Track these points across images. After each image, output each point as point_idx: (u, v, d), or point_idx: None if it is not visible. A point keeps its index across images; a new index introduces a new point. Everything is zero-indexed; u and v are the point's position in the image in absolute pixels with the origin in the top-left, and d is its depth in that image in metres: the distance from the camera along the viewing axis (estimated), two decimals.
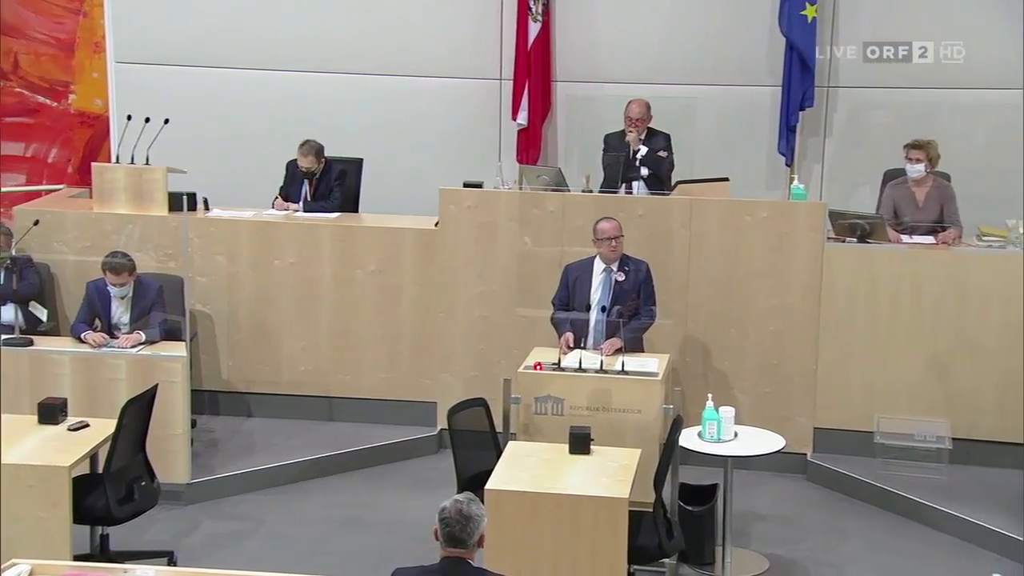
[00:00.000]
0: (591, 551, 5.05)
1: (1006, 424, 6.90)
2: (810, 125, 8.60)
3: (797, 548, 6.27)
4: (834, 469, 7.02)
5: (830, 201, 7.67)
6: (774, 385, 7.20)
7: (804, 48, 8.34)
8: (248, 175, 8.63)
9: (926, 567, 5.87)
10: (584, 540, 5.05)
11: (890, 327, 7.08)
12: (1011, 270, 6.90)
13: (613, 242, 6.56)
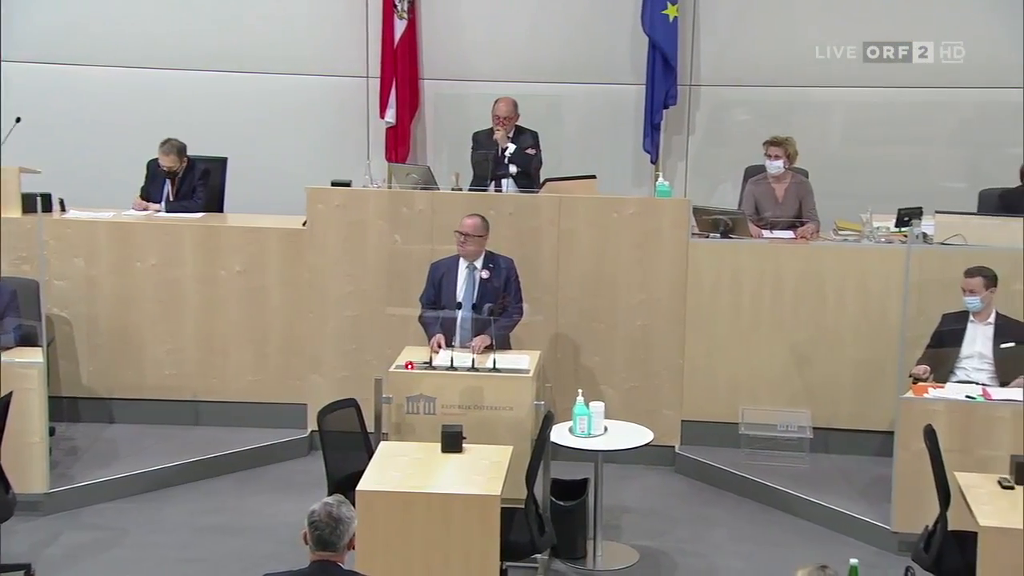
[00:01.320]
0: (463, 549, 5.04)
1: (863, 412, 7.12)
2: (674, 123, 8.77)
3: (666, 539, 6.37)
4: (701, 460, 7.16)
5: (694, 197, 7.83)
6: (642, 379, 7.31)
7: (666, 47, 8.50)
8: (107, 175, 8.40)
9: (789, 554, 6.02)
10: (456, 538, 5.04)
11: (753, 320, 7.25)
12: (866, 263, 7.14)
13: (465, 239, 6.57)
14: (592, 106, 8.82)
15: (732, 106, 8.80)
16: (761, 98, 8.67)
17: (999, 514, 4.90)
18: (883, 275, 6.99)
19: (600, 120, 8.85)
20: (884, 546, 6.18)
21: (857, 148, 8.63)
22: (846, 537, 6.34)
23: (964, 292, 6.46)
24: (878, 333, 6.99)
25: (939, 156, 8.62)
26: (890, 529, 6.20)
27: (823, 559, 3.90)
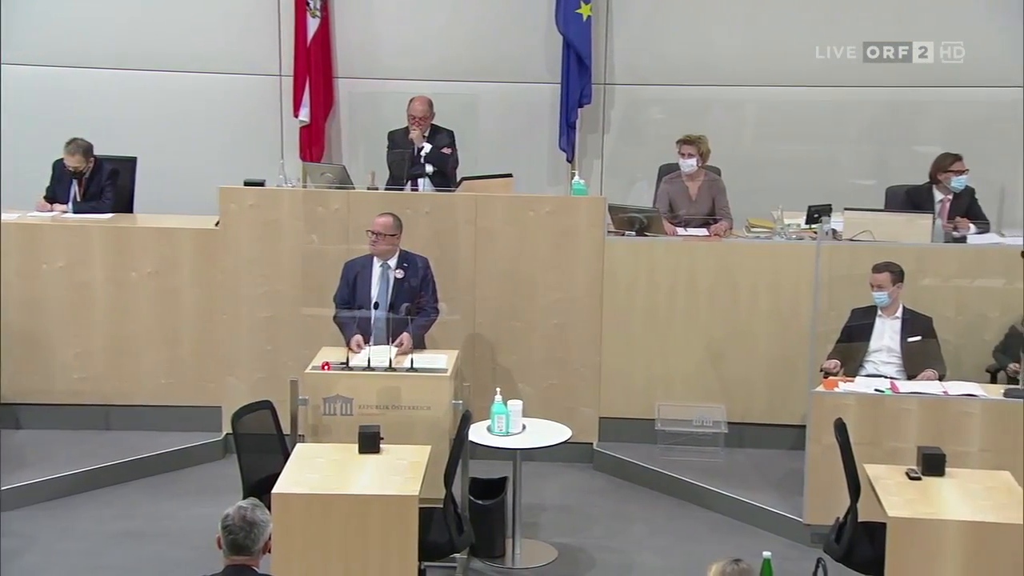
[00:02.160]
0: (382, 550, 5.01)
1: (777, 407, 7.23)
2: (589, 121, 8.82)
3: (584, 536, 6.41)
4: (618, 457, 7.21)
5: (609, 195, 7.86)
6: (560, 377, 7.33)
7: (580, 46, 8.54)
8: (11, 176, 8.16)
9: (704, 548, 6.09)
10: (374, 539, 5.01)
11: (668, 317, 7.31)
12: (778, 259, 7.24)
13: (377, 239, 6.54)
14: (508, 105, 8.83)
15: (646, 105, 8.87)
16: (675, 97, 8.75)
17: (907, 505, 5.00)
18: (794, 271, 7.10)
19: (516, 119, 8.87)
20: (797, 538, 6.29)
21: (768, 146, 8.76)
22: (760, 530, 6.44)
23: (872, 287, 6.59)
24: (790, 328, 7.10)
25: (848, 154, 8.78)
26: (802, 521, 6.31)
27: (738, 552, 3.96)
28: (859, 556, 5.23)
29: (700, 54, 8.65)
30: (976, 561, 4.84)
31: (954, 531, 4.87)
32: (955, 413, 6.11)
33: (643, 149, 8.71)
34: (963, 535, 4.85)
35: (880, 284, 6.57)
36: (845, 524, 5.33)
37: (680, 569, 5.94)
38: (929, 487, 5.17)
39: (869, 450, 5.90)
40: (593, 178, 8.76)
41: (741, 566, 3.64)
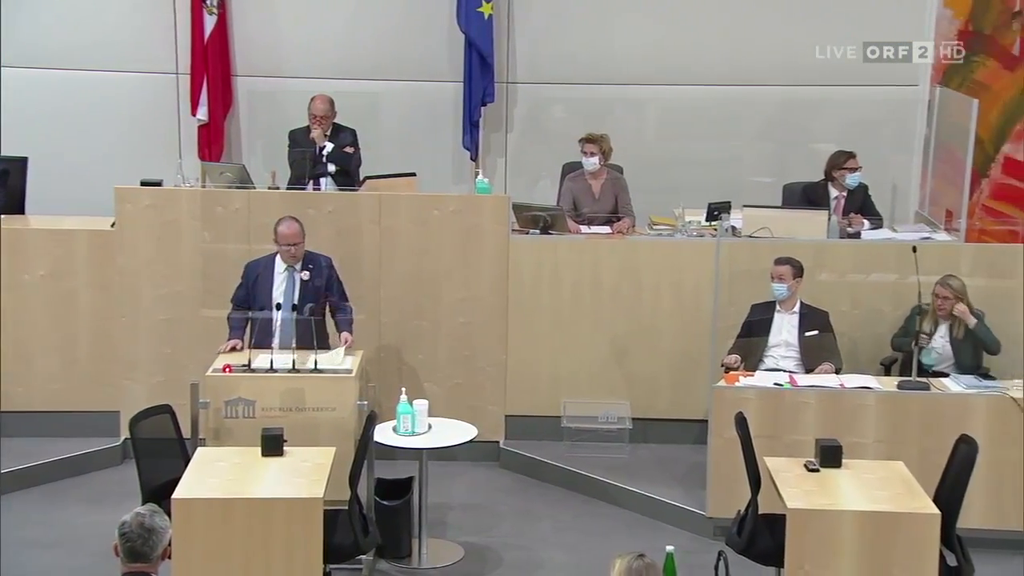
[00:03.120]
0: (285, 554, 4.95)
1: (680, 402, 7.31)
2: (492, 120, 8.82)
3: (491, 534, 6.41)
4: (525, 455, 7.23)
5: (513, 194, 7.87)
6: (466, 376, 7.33)
7: (482, 44, 8.54)
8: None
9: (610, 543, 6.13)
10: (278, 543, 4.94)
11: (573, 314, 7.35)
12: (679, 256, 7.32)
13: (292, 248, 6.46)
14: (411, 103, 8.79)
15: (549, 103, 8.90)
16: (577, 95, 8.79)
17: (805, 496, 5.09)
18: (696, 268, 7.18)
19: (419, 117, 8.83)
20: (700, 531, 6.37)
21: (670, 144, 8.85)
22: (664, 524, 6.51)
23: (773, 279, 6.70)
24: (692, 324, 7.18)
25: (747, 152, 8.90)
26: (705, 515, 6.40)
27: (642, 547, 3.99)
28: (760, 548, 5.32)
29: (602, 53, 8.71)
30: (872, 550, 4.94)
31: (850, 521, 4.97)
32: (851, 405, 6.25)
33: (546, 147, 8.74)
34: (859, 525, 4.96)
35: (781, 276, 6.69)
36: (746, 517, 5.41)
37: (586, 565, 5.97)
38: (826, 478, 5.27)
39: (769, 443, 6.00)
40: (497, 176, 8.76)
41: (645, 561, 3.68)
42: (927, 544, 4.93)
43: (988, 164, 8.70)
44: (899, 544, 4.93)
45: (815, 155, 8.13)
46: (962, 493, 5.20)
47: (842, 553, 4.97)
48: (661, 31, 8.69)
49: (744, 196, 7.74)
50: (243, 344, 6.35)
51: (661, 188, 8.27)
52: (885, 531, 4.94)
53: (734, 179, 8.58)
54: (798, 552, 5.00)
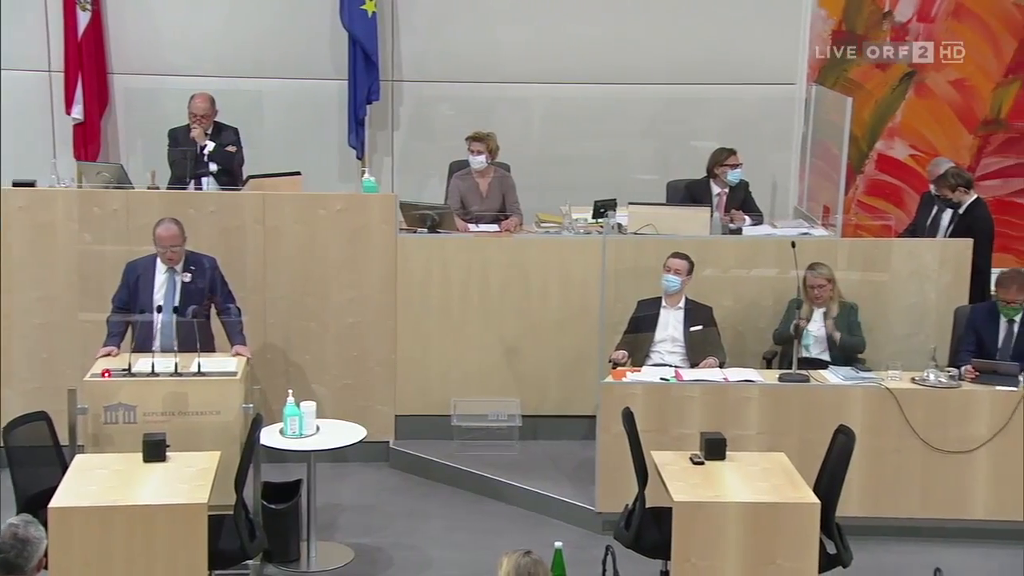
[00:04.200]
0: (169, 561, 4.85)
1: (569, 398, 7.35)
2: (378, 118, 8.77)
3: (381, 535, 6.38)
4: (415, 454, 7.20)
5: (401, 193, 7.85)
6: (355, 376, 7.27)
7: (366, 42, 8.47)
8: None
9: (500, 540, 6.11)
10: (160, 551, 4.84)
11: (462, 313, 7.35)
12: (567, 254, 7.37)
13: (170, 252, 6.33)
14: (294, 102, 8.68)
15: (435, 102, 8.88)
16: (463, 94, 8.78)
17: (691, 489, 5.17)
18: (583, 265, 7.23)
19: (303, 116, 8.72)
20: (589, 527, 6.43)
21: (556, 142, 8.90)
22: (555, 520, 6.54)
23: (669, 272, 6.78)
24: (580, 321, 7.22)
25: (632, 149, 9.00)
26: (594, 510, 6.45)
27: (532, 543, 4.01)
28: (647, 541, 5.38)
29: (487, 51, 8.72)
30: (755, 540, 5.05)
31: (734, 512, 5.07)
32: (735, 398, 6.37)
33: (433, 146, 8.73)
34: (742, 516, 5.06)
35: (677, 270, 6.78)
36: (634, 511, 5.47)
37: (477, 563, 5.96)
38: (711, 471, 5.36)
39: (656, 437, 6.08)
40: (384, 175, 8.72)
41: (532, 558, 3.69)
42: (807, 533, 5.05)
43: (862, 161, 8.98)
44: (781, 534, 5.05)
45: (697, 153, 8.26)
46: (840, 482, 5.34)
47: (727, 544, 5.06)
48: (546, 30, 8.74)
49: (629, 193, 7.83)
50: (119, 351, 6.19)
51: (548, 186, 8.32)
52: (767, 521, 5.05)
53: (619, 177, 8.66)
54: (684, 544, 5.07)
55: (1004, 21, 8.83)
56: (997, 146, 8.99)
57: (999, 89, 8.91)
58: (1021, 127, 8.95)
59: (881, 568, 6.00)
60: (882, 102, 8.92)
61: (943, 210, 7.64)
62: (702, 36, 8.71)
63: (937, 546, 6.18)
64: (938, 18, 8.81)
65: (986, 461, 6.31)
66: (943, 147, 8.88)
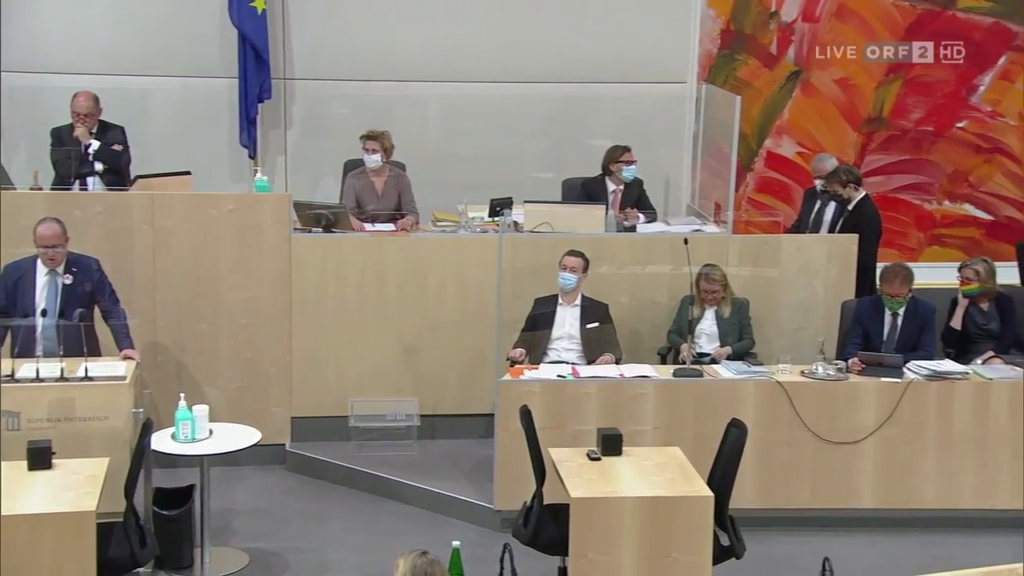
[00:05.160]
0: (56, 572, 4.72)
1: (467, 397, 7.36)
2: (271, 117, 8.66)
3: (278, 539, 6.30)
4: (312, 456, 7.13)
5: (295, 192, 7.76)
6: (250, 378, 7.16)
7: (256, 40, 8.37)
8: None
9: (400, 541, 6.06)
10: (47, 561, 4.71)
11: (359, 313, 7.29)
12: (463, 252, 7.37)
13: (50, 251, 6.15)
14: (183, 100, 8.53)
15: (329, 100, 8.80)
16: (358, 92, 8.73)
17: (587, 485, 5.21)
18: (479, 263, 7.23)
19: (192, 114, 8.57)
20: (488, 525, 6.43)
21: (451, 141, 8.90)
22: (453, 519, 6.54)
23: (565, 269, 6.82)
24: (478, 319, 7.23)
25: (528, 148, 9.05)
26: (493, 508, 6.46)
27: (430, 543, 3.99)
28: (545, 538, 5.40)
29: (381, 50, 8.67)
30: (651, 534, 5.10)
31: (630, 507, 5.11)
32: (631, 394, 6.44)
33: (328, 145, 8.65)
34: (638, 510, 5.11)
35: (573, 267, 6.83)
36: (532, 508, 5.49)
37: (375, 564, 5.93)
38: (608, 467, 5.41)
39: (554, 434, 6.11)
40: (277, 174, 8.62)
41: (429, 558, 3.67)
42: (702, 525, 5.12)
43: (752, 158, 9.16)
44: (676, 527, 5.11)
45: (592, 151, 8.32)
46: (733, 475, 5.42)
47: (623, 539, 5.10)
48: (440, 28, 8.74)
49: (525, 192, 7.86)
50: None
51: (444, 185, 8.30)
52: (663, 515, 5.11)
53: (515, 175, 8.70)
54: (582, 540, 5.10)
55: (885, 21, 9.09)
56: (880, 143, 9.26)
57: (881, 88, 9.17)
58: (903, 125, 9.23)
59: (773, 558, 6.12)
60: (770, 100, 9.12)
61: (826, 205, 7.84)
62: (595, 35, 8.79)
63: (826, 535, 6.32)
64: (822, 18, 9.04)
65: (872, 451, 6.48)
66: (829, 145, 9.11)
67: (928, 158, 9.30)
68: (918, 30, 9.09)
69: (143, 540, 5.20)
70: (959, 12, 9.10)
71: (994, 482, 6.51)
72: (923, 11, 9.08)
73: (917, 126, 9.23)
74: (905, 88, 9.17)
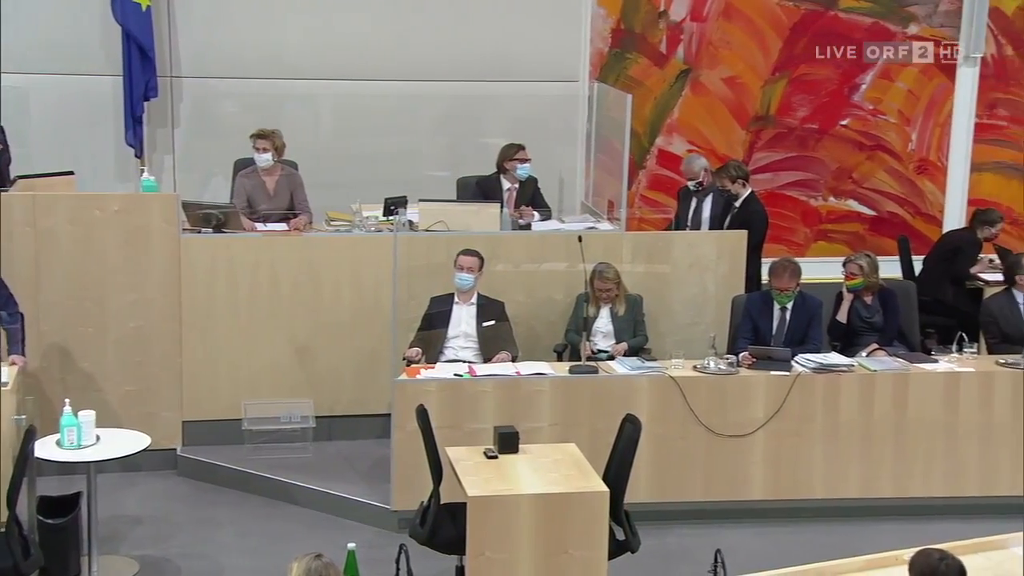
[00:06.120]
0: None
1: (364, 398, 7.30)
2: (157, 115, 8.48)
3: (169, 546, 6.18)
4: (204, 460, 7.01)
5: (185, 192, 7.63)
6: (139, 382, 7.01)
7: (141, 37, 8.18)
8: None
9: (294, 545, 6.04)
10: None
11: (251, 314, 7.19)
12: (358, 252, 7.31)
13: None
14: (64, 98, 8.30)
15: (218, 98, 8.66)
16: (247, 90, 8.59)
17: (484, 483, 5.21)
18: (375, 263, 7.18)
19: (76, 113, 8.35)
20: (385, 526, 6.39)
21: (344, 139, 8.83)
22: (350, 521, 6.49)
23: (461, 269, 6.81)
24: (374, 319, 7.18)
25: (422, 146, 9.02)
26: (390, 509, 6.43)
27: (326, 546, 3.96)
28: (442, 537, 5.39)
29: (271, 47, 8.56)
30: (548, 530, 5.13)
31: (527, 505, 5.13)
32: (527, 392, 6.46)
33: (217, 144, 8.50)
34: (535, 507, 5.13)
35: (469, 267, 6.82)
36: (429, 508, 5.47)
37: (270, 569, 5.83)
38: (504, 464, 5.42)
39: (450, 433, 6.11)
40: (165, 174, 8.45)
41: (323, 561, 3.64)
42: (597, 521, 5.17)
43: (644, 156, 9.27)
44: (572, 523, 5.14)
45: (487, 149, 8.34)
46: (628, 470, 5.48)
47: (520, 536, 5.12)
48: (332, 26, 8.66)
49: (420, 190, 7.83)
50: None
51: (338, 184, 8.24)
52: (559, 511, 5.14)
53: (410, 174, 8.66)
54: (479, 539, 5.11)
55: (770, 21, 9.29)
56: (767, 141, 9.45)
57: (768, 86, 9.36)
58: (789, 123, 9.44)
59: (667, 551, 6.20)
60: (661, 99, 9.24)
61: (702, 202, 8.00)
62: (488, 34, 8.81)
63: (719, 527, 6.43)
64: (710, 17, 9.19)
65: (762, 443, 6.60)
66: (718, 142, 9.28)
67: (813, 155, 9.53)
68: (802, 30, 9.30)
69: (27, 550, 5.07)
70: (841, 12, 9.34)
71: (878, 471, 6.70)
72: (806, 11, 9.29)
73: (802, 124, 9.45)
74: (791, 87, 9.38)
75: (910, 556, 4.00)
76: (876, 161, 9.62)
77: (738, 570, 4.58)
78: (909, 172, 9.68)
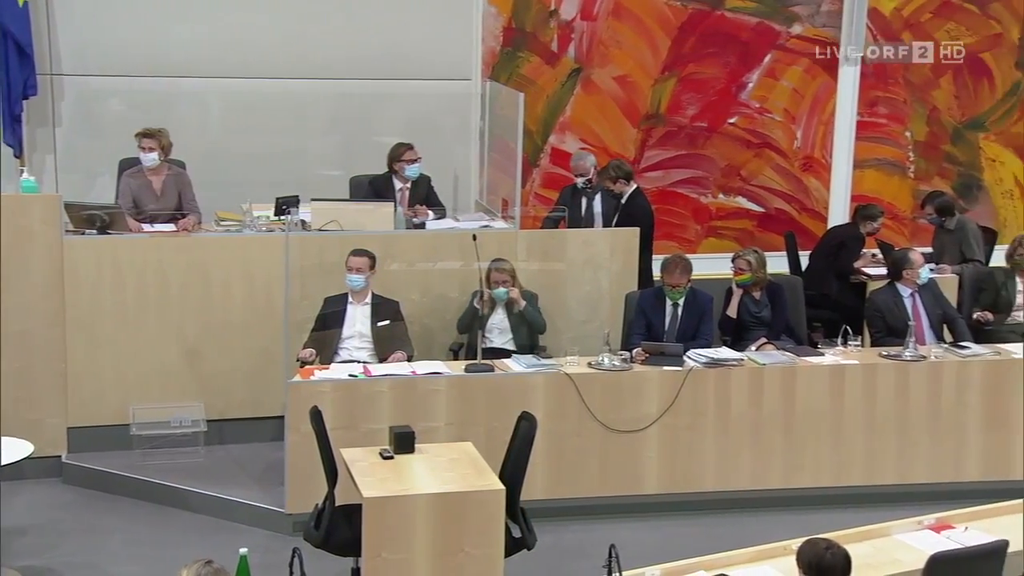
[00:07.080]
0: None
1: (257, 400, 7.19)
2: (37, 114, 8.24)
3: (53, 555, 6.02)
4: (90, 467, 6.84)
5: (67, 193, 7.42)
6: (21, 388, 6.81)
7: (19, 34, 7.92)
8: None
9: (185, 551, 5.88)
10: None
11: (139, 316, 7.04)
12: (249, 252, 7.20)
13: None
14: None
15: (103, 97, 8.43)
16: (132, 88, 8.38)
17: (380, 484, 5.18)
18: (266, 263, 7.08)
19: None
20: (279, 529, 6.31)
21: (234, 138, 8.66)
22: (243, 526, 6.39)
23: (351, 271, 6.76)
24: (266, 320, 7.08)
25: (314, 145, 8.91)
26: (284, 512, 6.35)
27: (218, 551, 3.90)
28: (338, 539, 5.35)
29: (155, 44, 8.36)
30: (444, 530, 5.12)
31: (423, 504, 5.12)
32: (423, 391, 6.44)
33: (102, 143, 8.28)
34: (431, 507, 5.12)
35: (359, 268, 6.77)
36: (324, 510, 5.42)
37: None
38: (401, 464, 5.40)
39: (346, 434, 6.06)
40: (46, 175, 8.21)
41: (213, 567, 3.58)
42: (493, 519, 5.18)
43: (538, 154, 9.32)
44: (468, 522, 5.15)
45: (380, 148, 8.25)
46: (524, 467, 5.50)
47: (416, 536, 5.11)
48: (219, 22, 8.51)
49: (312, 190, 7.74)
50: None
51: (227, 183, 8.10)
52: (455, 510, 5.14)
53: (301, 173, 8.55)
54: (375, 540, 5.08)
55: (659, 21, 9.40)
56: (658, 139, 9.58)
57: (658, 85, 9.48)
58: (679, 121, 9.58)
59: (563, 548, 6.23)
60: (553, 97, 9.29)
61: (592, 200, 8.10)
62: (380, 32, 8.75)
63: (614, 522, 6.48)
64: (600, 17, 9.27)
65: (656, 438, 6.68)
66: (610, 141, 9.37)
67: (703, 153, 9.68)
68: (690, 29, 9.44)
69: None
70: (727, 12, 9.50)
71: (768, 463, 6.83)
72: (694, 11, 9.43)
73: (692, 122, 9.60)
74: (680, 85, 9.51)
75: (798, 546, 4.10)
76: (763, 159, 9.81)
77: (633, 564, 4.62)
78: (795, 169, 9.90)
